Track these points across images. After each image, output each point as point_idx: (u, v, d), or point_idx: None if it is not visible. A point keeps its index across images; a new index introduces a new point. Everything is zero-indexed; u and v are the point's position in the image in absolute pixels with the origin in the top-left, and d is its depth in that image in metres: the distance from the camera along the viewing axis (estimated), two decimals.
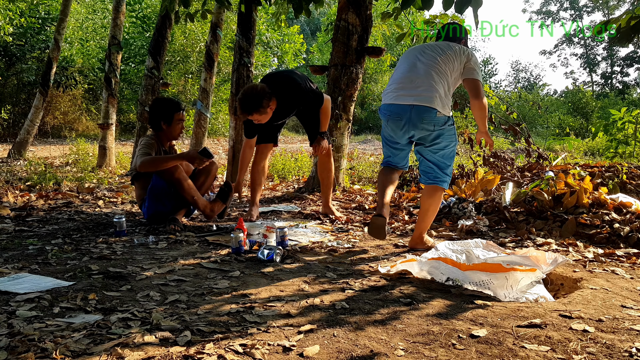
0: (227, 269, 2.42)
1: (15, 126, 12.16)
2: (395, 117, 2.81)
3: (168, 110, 3.44)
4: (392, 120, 2.84)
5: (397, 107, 2.81)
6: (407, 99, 2.77)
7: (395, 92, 2.84)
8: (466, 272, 2.15)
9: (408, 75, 2.82)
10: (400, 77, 2.86)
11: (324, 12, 26.22)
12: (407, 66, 2.86)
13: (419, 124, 2.76)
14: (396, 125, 2.83)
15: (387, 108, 2.86)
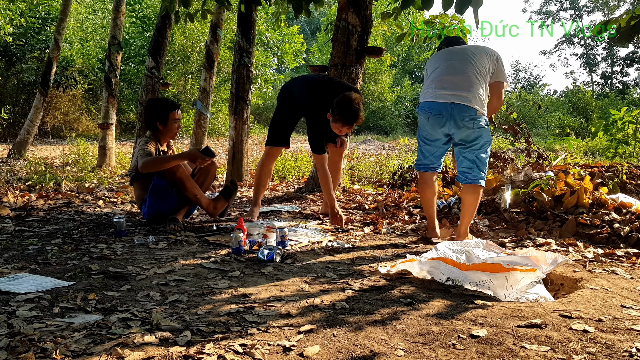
0: (227, 269, 2.42)
1: (15, 126, 12.16)
2: (437, 114, 2.92)
3: (163, 110, 3.44)
4: (433, 117, 2.94)
5: (438, 104, 2.92)
6: (449, 97, 2.89)
7: (435, 90, 2.94)
8: (466, 272, 2.15)
9: (448, 75, 2.94)
10: (440, 77, 2.96)
11: (324, 12, 26.23)
12: (445, 67, 2.97)
13: (459, 122, 2.89)
14: (437, 122, 2.94)
15: (429, 105, 2.95)
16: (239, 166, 5.77)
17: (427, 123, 3.00)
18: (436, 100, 2.92)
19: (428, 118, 2.97)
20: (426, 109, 2.97)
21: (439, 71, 2.99)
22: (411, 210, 4.01)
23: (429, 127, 3.00)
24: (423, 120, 3.02)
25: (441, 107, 2.91)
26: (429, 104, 2.96)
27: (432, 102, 2.94)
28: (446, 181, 4.99)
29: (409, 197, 4.44)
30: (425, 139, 3.07)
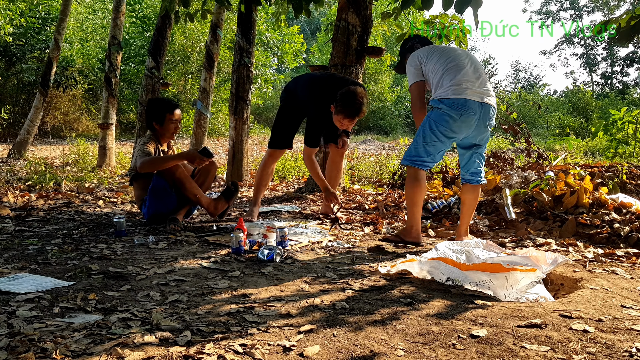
0: (227, 269, 2.42)
1: (15, 126, 12.16)
2: (471, 114, 2.82)
3: (160, 111, 3.44)
4: (466, 115, 2.82)
5: (473, 103, 2.83)
6: (480, 96, 2.85)
7: (465, 88, 2.83)
8: (466, 272, 2.15)
9: (473, 73, 2.88)
10: (464, 73, 2.86)
11: (324, 12, 26.23)
12: (462, 63, 2.90)
13: (487, 122, 2.87)
14: (469, 121, 2.83)
15: (465, 103, 2.81)
16: (239, 166, 5.77)
17: (455, 120, 2.82)
18: (471, 99, 2.82)
19: (460, 115, 2.81)
20: (463, 106, 2.81)
21: (458, 67, 2.88)
22: None
23: (454, 124, 2.83)
24: (450, 116, 2.82)
25: (475, 106, 2.82)
26: (465, 101, 2.81)
27: (467, 100, 2.81)
28: (446, 181, 5.00)
29: None
30: (446, 137, 2.88)
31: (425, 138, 2.91)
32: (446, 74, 2.88)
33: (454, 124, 2.84)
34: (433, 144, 2.90)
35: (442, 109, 2.84)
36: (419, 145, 2.93)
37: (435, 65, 2.94)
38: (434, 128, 2.88)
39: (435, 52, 3.00)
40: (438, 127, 2.87)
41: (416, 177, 2.93)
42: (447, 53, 2.97)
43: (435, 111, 2.88)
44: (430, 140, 2.90)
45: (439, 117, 2.86)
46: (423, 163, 2.94)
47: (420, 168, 2.94)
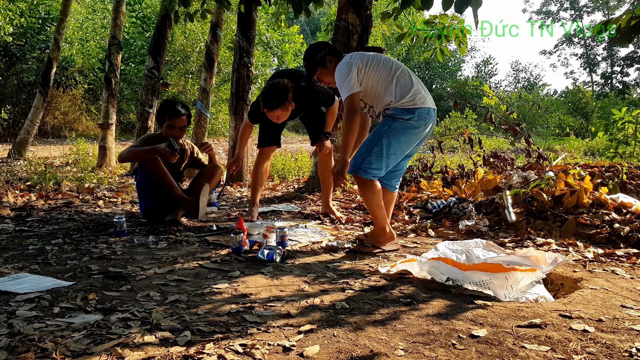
0: (227, 269, 2.42)
1: (15, 126, 12.16)
2: (432, 121, 2.79)
3: (161, 113, 3.45)
4: (430, 125, 2.78)
5: (433, 111, 2.79)
6: (432, 103, 2.80)
7: (424, 97, 2.76)
8: (466, 272, 2.15)
9: (415, 79, 2.83)
10: (415, 82, 2.79)
11: (324, 12, 26.21)
12: (405, 70, 2.82)
13: (432, 128, 2.83)
14: (429, 130, 2.80)
15: (428, 113, 2.75)
16: None
17: (420, 130, 2.74)
18: (432, 107, 2.78)
19: (425, 125, 2.74)
20: (425, 115, 2.73)
21: (407, 75, 2.80)
22: (411, 211, 4.01)
23: (417, 135, 2.75)
24: (416, 127, 2.71)
25: (434, 114, 2.81)
26: (427, 110, 2.75)
27: (429, 109, 2.76)
28: (446, 181, 5.00)
29: (409, 197, 4.44)
30: (406, 147, 2.79)
31: (388, 149, 2.71)
32: (399, 83, 2.74)
33: (417, 135, 2.75)
34: (394, 156, 2.76)
35: (408, 120, 2.69)
36: (376, 157, 2.71)
37: (379, 74, 2.76)
38: (397, 140, 2.71)
39: (372, 59, 2.79)
40: (401, 138, 2.71)
41: (370, 185, 2.74)
42: (386, 61, 2.81)
43: (399, 122, 2.70)
44: (392, 152, 2.73)
45: (404, 128, 2.70)
46: (375, 176, 2.75)
47: (375, 180, 2.76)
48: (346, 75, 2.71)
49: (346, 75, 2.71)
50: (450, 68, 31.95)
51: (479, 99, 23.54)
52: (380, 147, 2.70)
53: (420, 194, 4.42)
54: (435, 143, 6.48)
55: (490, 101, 6.86)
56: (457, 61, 32.36)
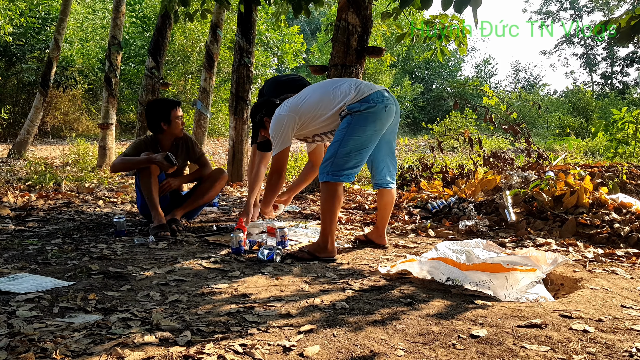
0: (227, 269, 2.42)
1: (15, 126, 12.17)
2: (391, 102, 2.64)
3: (165, 110, 3.39)
4: (389, 106, 2.62)
5: (386, 92, 2.66)
6: (379, 87, 2.68)
7: (365, 85, 2.67)
8: (466, 272, 2.15)
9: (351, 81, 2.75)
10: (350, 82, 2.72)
11: (324, 12, 26.23)
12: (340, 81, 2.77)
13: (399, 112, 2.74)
14: (391, 111, 2.66)
15: (383, 95, 2.63)
16: (239, 166, 5.77)
17: (382, 113, 2.59)
18: (381, 90, 2.65)
19: (385, 107, 2.59)
20: (381, 98, 2.60)
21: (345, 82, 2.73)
22: (411, 211, 4.01)
23: (383, 118, 2.61)
24: (376, 112, 2.58)
25: (389, 95, 2.66)
26: (380, 93, 2.62)
27: (380, 91, 2.63)
28: (446, 181, 5.00)
29: (409, 197, 4.44)
30: (374, 135, 2.63)
31: (356, 144, 2.59)
32: (338, 91, 2.69)
33: (381, 121, 2.61)
34: (366, 149, 2.63)
35: (366, 109, 2.57)
36: (344, 157, 2.58)
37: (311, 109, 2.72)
38: (363, 132, 2.58)
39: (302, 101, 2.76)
40: (366, 129, 2.58)
41: (337, 192, 2.61)
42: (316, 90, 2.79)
43: (357, 115, 2.58)
44: (362, 147, 2.60)
45: (365, 118, 2.57)
46: (350, 175, 2.63)
47: (345, 181, 2.65)
48: (282, 128, 2.72)
49: (283, 128, 2.72)
50: (450, 68, 31.96)
51: (479, 99, 23.56)
52: (347, 146, 2.58)
53: (420, 194, 4.42)
54: (435, 143, 6.49)
55: (490, 101, 6.86)
56: (457, 61, 32.37)
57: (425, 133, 17.41)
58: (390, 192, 2.91)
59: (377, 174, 2.87)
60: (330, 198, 2.61)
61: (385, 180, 2.87)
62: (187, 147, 3.57)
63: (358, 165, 2.63)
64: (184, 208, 3.47)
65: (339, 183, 2.60)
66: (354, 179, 2.67)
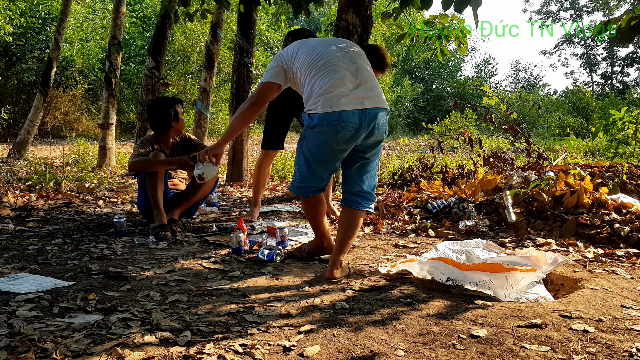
0: (227, 269, 2.42)
1: (15, 126, 12.16)
2: (350, 128, 2.24)
3: (172, 108, 3.42)
4: (344, 131, 2.24)
5: (349, 115, 2.23)
6: (357, 102, 2.25)
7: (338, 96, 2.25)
8: (466, 272, 2.15)
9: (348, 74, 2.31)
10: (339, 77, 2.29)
11: (324, 12, 26.22)
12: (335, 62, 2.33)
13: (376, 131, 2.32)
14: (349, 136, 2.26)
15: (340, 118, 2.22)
16: (239, 166, 5.77)
17: (333, 138, 2.24)
18: (347, 109, 2.22)
19: (337, 133, 2.22)
20: (335, 122, 2.21)
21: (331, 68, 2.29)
22: (411, 211, 4.01)
23: (335, 143, 2.26)
24: (327, 135, 2.24)
25: (354, 117, 2.23)
26: (339, 115, 2.21)
27: (342, 113, 2.21)
28: (446, 181, 5.00)
29: (409, 197, 4.44)
30: (328, 156, 2.32)
31: (309, 163, 2.36)
32: (316, 79, 2.29)
33: (335, 143, 2.26)
34: (322, 166, 2.36)
35: (315, 128, 2.27)
36: (304, 173, 2.39)
37: (301, 66, 2.36)
38: (315, 151, 2.32)
39: (302, 47, 2.41)
40: (318, 149, 2.30)
41: (309, 205, 2.48)
42: (315, 49, 2.37)
43: (309, 132, 2.31)
44: (315, 165, 2.36)
45: (315, 138, 2.29)
46: (315, 190, 2.43)
47: (313, 196, 2.45)
48: (270, 65, 2.46)
49: (270, 65, 2.46)
50: (450, 68, 31.95)
51: (479, 99, 23.55)
52: (300, 159, 2.40)
53: (420, 194, 4.42)
54: (435, 143, 6.49)
55: (491, 101, 6.85)
56: (457, 61, 32.36)
57: (425, 133, 17.41)
58: (353, 211, 2.41)
59: (342, 187, 2.50)
60: (304, 206, 2.55)
61: (348, 198, 2.43)
62: (188, 145, 3.60)
63: (308, 183, 2.39)
64: (181, 207, 3.46)
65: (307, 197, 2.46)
66: (310, 194, 2.43)
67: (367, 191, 2.42)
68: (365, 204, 2.42)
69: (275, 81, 2.42)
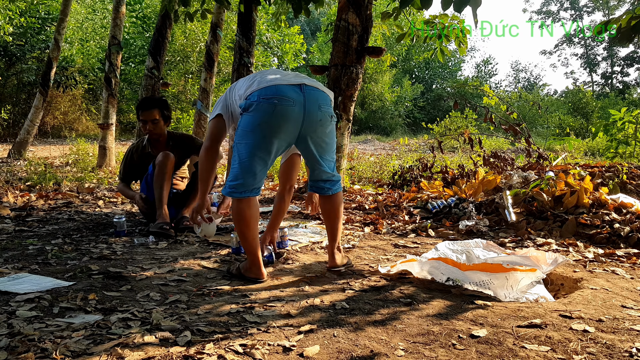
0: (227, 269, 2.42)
1: (15, 126, 12.17)
2: (289, 102, 2.09)
3: (136, 110, 3.46)
4: (282, 106, 2.08)
5: (287, 88, 2.11)
6: (294, 81, 2.15)
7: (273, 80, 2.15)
8: (466, 272, 2.15)
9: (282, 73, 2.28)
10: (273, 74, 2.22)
11: (324, 12, 26.23)
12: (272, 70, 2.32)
13: (320, 110, 2.18)
14: (289, 113, 2.10)
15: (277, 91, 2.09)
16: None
17: (269, 115, 2.07)
18: (283, 84, 2.11)
19: (274, 107, 2.06)
20: (272, 95, 2.07)
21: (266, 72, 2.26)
22: (411, 211, 4.01)
23: (272, 121, 2.08)
24: (262, 112, 2.08)
25: (292, 91, 2.10)
26: (275, 88, 2.09)
27: (279, 86, 2.09)
28: (446, 181, 4.99)
29: (409, 197, 4.44)
30: (265, 141, 2.11)
31: (240, 156, 2.14)
32: (248, 81, 2.23)
33: (272, 122, 2.08)
34: (258, 159, 2.13)
35: (249, 110, 2.11)
36: (236, 168, 2.16)
37: (240, 83, 2.30)
38: (249, 136, 2.11)
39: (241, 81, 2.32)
40: (253, 132, 2.10)
41: (238, 210, 2.17)
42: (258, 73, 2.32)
43: (243, 117, 2.14)
44: (247, 155, 2.12)
45: (250, 119, 2.10)
46: (249, 190, 2.16)
47: (247, 197, 2.16)
48: (215, 105, 2.40)
49: (215, 105, 2.40)
50: (450, 68, 31.96)
51: (479, 99, 23.56)
52: (234, 155, 2.19)
53: (420, 194, 4.42)
54: (435, 143, 6.49)
55: (491, 101, 6.86)
56: (457, 61, 32.37)
57: (425, 133, 17.42)
58: (328, 198, 2.36)
59: (309, 176, 2.39)
60: (236, 217, 2.19)
61: (317, 185, 2.34)
62: (183, 144, 3.54)
63: (244, 179, 2.14)
64: (189, 207, 3.46)
65: (235, 199, 2.17)
66: (242, 194, 2.15)
67: (331, 173, 2.32)
68: (336, 187, 2.35)
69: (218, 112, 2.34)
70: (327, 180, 2.33)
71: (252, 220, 2.19)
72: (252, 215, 2.18)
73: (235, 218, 2.20)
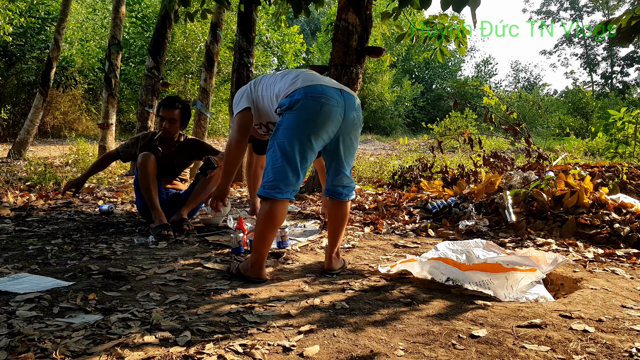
0: (227, 269, 2.42)
1: (15, 126, 12.16)
2: (334, 103, 2.15)
3: (158, 106, 3.48)
4: (328, 106, 2.13)
5: (331, 90, 2.18)
6: (335, 85, 2.24)
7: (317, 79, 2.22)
8: (466, 272, 2.15)
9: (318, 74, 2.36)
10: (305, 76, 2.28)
11: (324, 12, 26.24)
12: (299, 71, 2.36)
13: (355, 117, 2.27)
14: (333, 114, 2.16)
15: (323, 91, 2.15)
16: (240, 166, 5.76)
17: (316, 113, 2.10)
18: (328, 85, 2.18)
19: (321, 106, 2.10)
20: (318, 94, 2.12)
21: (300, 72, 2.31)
22: (411, 211, 4.01)
23: (318, 119, 2.11)
24: (308, 111, 2.10)
25: (336, 94, 2.17)
26: (320, 88, 2.14)
27: (324, 87, 2.16)
28: (446, 181, 5.00)
29: (409, 197, 4.44)
30: (309, 140, 2.13)
31: (285, 153, 2.12)
32: (286, 78, 2.29)
33: (318, 120, 2.11)
34: (301, 153, 2.14)
35: (296, 105, 2.12)
36: (279, 167, 2.13)
37: (269, 79, 2.38)
38: (295, 133, 2.11)
39: (265, 76, 2.45)
40: (300, 129, 2.11)
41: (271, 211, 2.15)
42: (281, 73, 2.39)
43: (287, 115, 2.15)
44: (292, 154, 2.12)
45: (296, 116, 2.12)
46: (290, 191, 2.17)
47: (282, 198, 2.15)
48: (237, 95, 2.46)
49: (237, 95, 2.46)
50: (450, 68, 31.97)
51: (479, 99, 23.56)
52: (275, 153, 2.15)
53: (420, 194, 4.42)
54: (435, 143, 6.48)
55: (490, 101, 6.86)
56: (457, 61, 32.38)
57: (425, 133, 17.42)
58: (340, 204, 2.38)
59: (329, 181, 2.39)
60: (263, 217, 2.17)
61: (335, 190, 2.36)
62: (191, 148, 3.60)
63: (278, 181, 2.13)
64: (189, 206, 3.46)
65: (271, 199, 2.14)
66: (286, 195, 2.15)
67: (351, 179, 2.39)
68: (351, 194, 2.41)
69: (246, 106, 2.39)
70: (347, 186, 2.38)
71: (279, 224, 2.22)
72: (282, 220, 2.21)
73: (263, 219, 2.16)
